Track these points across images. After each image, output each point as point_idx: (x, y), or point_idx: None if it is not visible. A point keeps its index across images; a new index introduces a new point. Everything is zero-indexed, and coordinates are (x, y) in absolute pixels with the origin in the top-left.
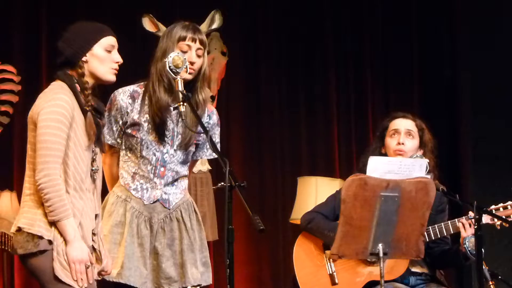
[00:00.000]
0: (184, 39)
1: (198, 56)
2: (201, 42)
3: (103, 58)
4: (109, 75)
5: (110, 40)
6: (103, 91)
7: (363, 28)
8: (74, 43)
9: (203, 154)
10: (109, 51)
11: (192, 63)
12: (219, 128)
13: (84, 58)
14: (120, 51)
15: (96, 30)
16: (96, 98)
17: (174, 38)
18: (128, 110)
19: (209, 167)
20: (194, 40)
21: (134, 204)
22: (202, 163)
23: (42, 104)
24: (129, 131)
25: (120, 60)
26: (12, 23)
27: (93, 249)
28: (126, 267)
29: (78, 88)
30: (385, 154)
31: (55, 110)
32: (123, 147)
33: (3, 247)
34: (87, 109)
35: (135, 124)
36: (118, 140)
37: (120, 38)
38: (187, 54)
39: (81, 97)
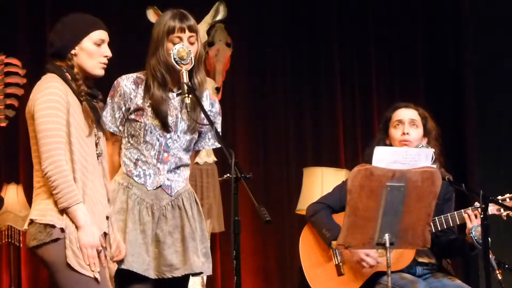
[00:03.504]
0: (173, 31)
1: (191, 44)
2: (191, 29)
3: (92, 52)
4: (97, 70)
5: (100, 34)
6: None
7: (368, 20)
8: (63, 36)
9: (205, 144)
10: (99, 45)
11: None
12: (220, 118)
13: (73, 51)
14: (124, 43)
15: (87, 23)
16: (90, 86)
17: (164, 32)
18: (132, 96)
19: (215, 159)
20: (183, 29)
21: (136, 191)
22: (208, 154)
23: (36, 96)
24: (132, 116)
25: (110, 54)
26: (17, 16)
27: (105, 234)
28: (129, 253)
29: (69, 76)
30: (390, 146)
31: (50, 98)
32: (125, 135)
33: (9, 240)
34: (82, 99)
35: (139, 109)
36: (120, 127)
37: (125, 31)
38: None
39: (73, 85)
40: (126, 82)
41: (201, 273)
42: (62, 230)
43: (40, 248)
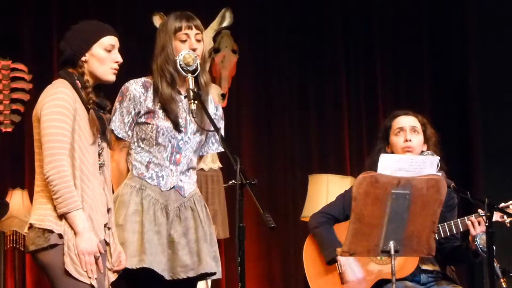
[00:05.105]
0: (180, 29)
1: (198, 41)
2: (197, 27)
3: (102, 58)
4: (109, 75)
5: (110, 40)
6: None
7: (373, 27)
8: (73, 43)
9: (209, 149)
10: (109, 51)
11: (194, 50)
12: (223, 122)
13: (83, 58)
14: (130, 49)
15: (96, 29)
16: (99, 95)
17: (170, 31)
18: (142, 100)
19: (220, 165)
20: (190, 27)
21: (150, 192)
22: (213, 160)
23: (44, 99)
24: (142, 119)
25: (120, 60)
26: (23, 21)
27: (106, 243)
28: (148, 252)
29: (79, 84)
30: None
31: (57, 103)
32: (134, 139)
33: (14, 245)
34: (89, 107)
35: (150, 112)
36: (129, 132)
37: (131, 37)
38: (187, 42)
39: (83, 93)
40: (135, 86)
41: (214, 273)
42: (61, 236)
43: (38, 253)
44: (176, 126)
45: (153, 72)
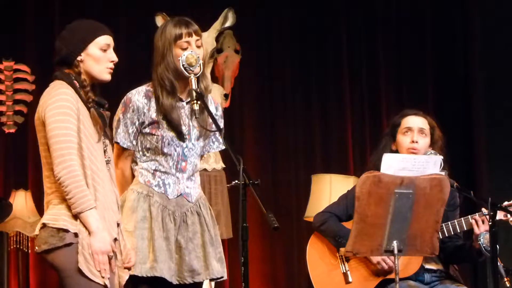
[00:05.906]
0: (180, 37)
1: (198, 47)
2: (197, 33)
3: (98, 57)
4: (105, 75)
5: (105, 39)
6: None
7: (377, 27)
8: (69, 43)
9: (210, 148)
10: (105, 50)
11: None
12: (223, 121)
13: (79, 58)
14: (132, 50)
15: (92, 29)
16: (96, 93)
17: (170, 39)
18: (145, 110)
19: (223, 165)
20: (190, 34)
21: (157, 199)
22: (216, 161)
23: (46, 102)
24: (147, 130)
25: (116, 59)
26: (26, 22)
27: (115, 240)
28: (159, 260)
29: (77, 84)
30: (396, 151)
31: (60, 104)
32: (139, 148)
33: (18, 246)
34: (89, 105)
35: (154, 123)
36: (134, 142)
37: (133, 37)
38: (188, 50)
39: (81, 92)
40: (138, 97)
41: (221, 277)
42: (76, 235)
43: (50, 253)
44: (180, 135)
45: (153, 81)
